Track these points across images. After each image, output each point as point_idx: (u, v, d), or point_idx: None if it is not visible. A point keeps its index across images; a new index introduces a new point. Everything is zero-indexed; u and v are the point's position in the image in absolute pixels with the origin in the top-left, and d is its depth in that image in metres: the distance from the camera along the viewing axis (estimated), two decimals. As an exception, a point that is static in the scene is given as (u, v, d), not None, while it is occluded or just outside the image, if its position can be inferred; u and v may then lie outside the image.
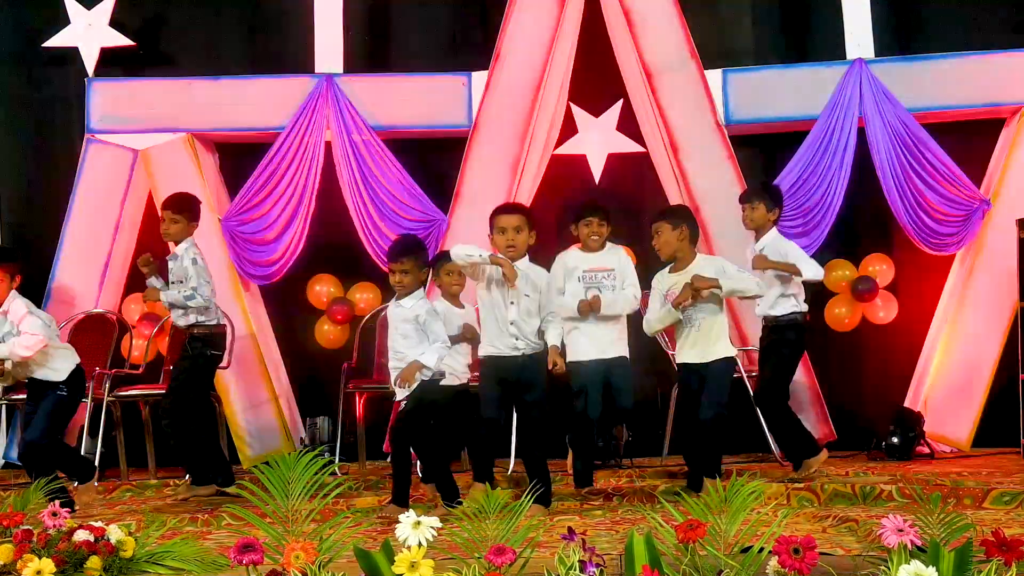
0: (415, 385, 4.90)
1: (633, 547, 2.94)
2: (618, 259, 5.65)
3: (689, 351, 5.40)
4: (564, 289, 5.55)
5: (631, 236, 6.54)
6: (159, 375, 6.87)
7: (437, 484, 5.17)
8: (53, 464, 5.31)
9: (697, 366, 5.36)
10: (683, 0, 7.08)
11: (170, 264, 5.83)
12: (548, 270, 5.26)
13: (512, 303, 4.98)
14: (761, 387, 5.89)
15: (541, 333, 5.04)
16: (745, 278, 5.37)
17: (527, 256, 5.06)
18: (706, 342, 5.35)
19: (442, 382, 5.12)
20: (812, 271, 5.73)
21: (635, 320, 5.72)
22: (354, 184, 7.15)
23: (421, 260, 5.02)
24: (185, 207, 5.84)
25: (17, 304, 5.36)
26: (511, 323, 4.97)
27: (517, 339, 4.99)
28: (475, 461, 5.61)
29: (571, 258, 5.66)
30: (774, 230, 5.89)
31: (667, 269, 5.45)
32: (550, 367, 5.01)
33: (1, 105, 7.77)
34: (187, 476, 5.93)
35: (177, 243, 5.84)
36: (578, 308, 5.47)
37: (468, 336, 5.59)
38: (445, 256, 5.40)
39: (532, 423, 5.10)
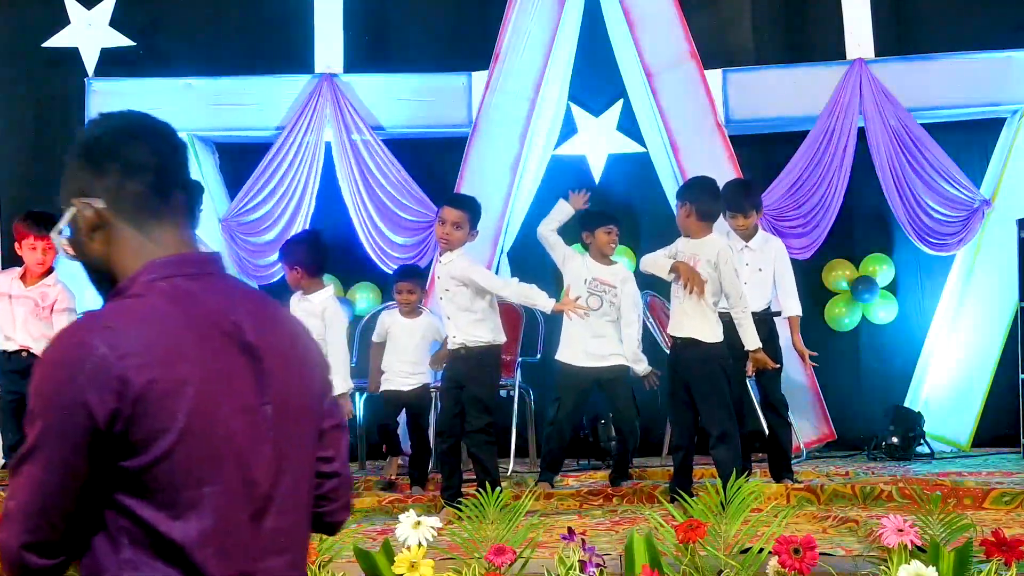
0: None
1: (633, 547, 2.95)
2: (621, 274, 5.79)
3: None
4: (563, 255, 5.73)
5: (631, 236, 6.54)
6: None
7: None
8: None
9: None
10: (683, 0, 7.08)
11: None
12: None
13: (440, 298, 5.16)
14: None
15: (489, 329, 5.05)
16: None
17: (461, 250, 5.07)
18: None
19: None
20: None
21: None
22: (354, 184, 7.15)
23: (291, 259, 5.12)
24: None
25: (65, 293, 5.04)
26: (447, 317, 5.11)
27: (455, 336, 5.05)
28: (443, 479, 5.20)
29: (584, 261, 5.76)
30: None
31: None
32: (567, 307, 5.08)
33: (1, 105, 7.77)
34: None
35: None
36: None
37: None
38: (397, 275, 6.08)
39: (472, 422, 4.96)
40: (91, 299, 7.19)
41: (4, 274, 4.94)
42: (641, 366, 5.85)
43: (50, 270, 4.95)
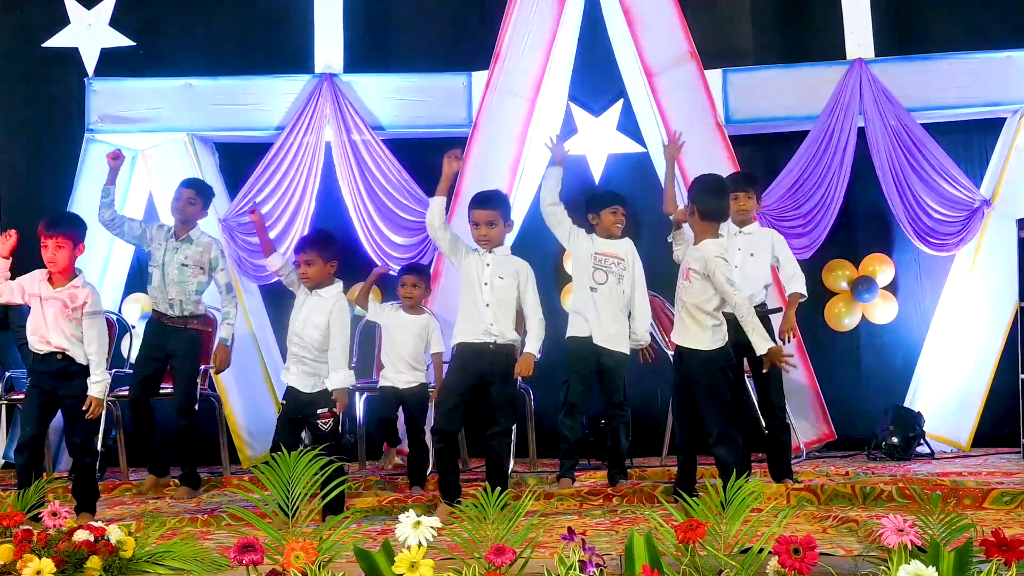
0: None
1: (633, 547, 2.94)
2: (629, 249, 5.72)
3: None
4: (568, 231, 5.64)
5: (630, 236, 6.52)
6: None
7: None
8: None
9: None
10: (683, 0, 7.08)
11: (184, 247, 5.90)
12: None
13: (486, 284, 4.97)
14: None
15: (514, 328, 5.01)
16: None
17: (505, 247, 5.07)
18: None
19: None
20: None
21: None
22: (354, 184, 7.15)
23: (328, 253, 4.95)
24: (204, 191, 6.07)
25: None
26: (486, 305, 4.95)
27: (492, 324, 4.94)
28: (440, 478, 5.12)
29: (591, 237, 5.70)
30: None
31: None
32: (517, 373, 4.99)
33: (1, 105, 7.77)
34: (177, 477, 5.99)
35: (188, 223, 5.95)
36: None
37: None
38: (403, 269, 5.98)
39: (502, 421, 4.95)
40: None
41: (31, 276, 4.91)
42: (646, 340, 5.83)
43: (75, 272, 4.92)
